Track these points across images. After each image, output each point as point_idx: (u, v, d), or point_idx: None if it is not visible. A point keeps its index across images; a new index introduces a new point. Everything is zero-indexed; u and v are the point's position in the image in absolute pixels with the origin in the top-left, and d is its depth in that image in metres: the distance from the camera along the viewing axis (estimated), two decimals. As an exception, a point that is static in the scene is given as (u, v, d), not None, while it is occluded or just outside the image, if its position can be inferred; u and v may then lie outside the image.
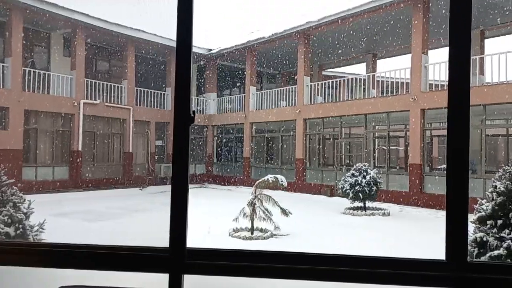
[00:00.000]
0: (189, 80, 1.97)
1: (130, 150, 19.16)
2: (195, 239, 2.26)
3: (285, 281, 1.92)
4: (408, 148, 15.27)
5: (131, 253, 1.94)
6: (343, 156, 18.25)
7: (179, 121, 1.96)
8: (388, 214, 12.24)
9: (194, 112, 2.00)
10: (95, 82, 18.37)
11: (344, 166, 17.13)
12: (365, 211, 12.32)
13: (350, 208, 12.56)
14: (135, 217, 11.35)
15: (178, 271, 1.88)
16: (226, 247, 2.00)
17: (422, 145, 14.31)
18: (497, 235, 4.56)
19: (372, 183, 12.20)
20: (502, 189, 4.69)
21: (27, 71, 16.12)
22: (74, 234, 8.21)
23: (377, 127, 17.87)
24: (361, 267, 1.87)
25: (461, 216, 1.81)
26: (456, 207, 1.82)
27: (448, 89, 1.86)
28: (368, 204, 12.66)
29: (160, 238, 2.12)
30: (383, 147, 17.42)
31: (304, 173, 18.09)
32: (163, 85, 21.53)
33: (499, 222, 4.62)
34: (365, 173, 12.36)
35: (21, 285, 2.12)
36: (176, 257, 1.89)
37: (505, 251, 4.39)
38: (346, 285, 1.87)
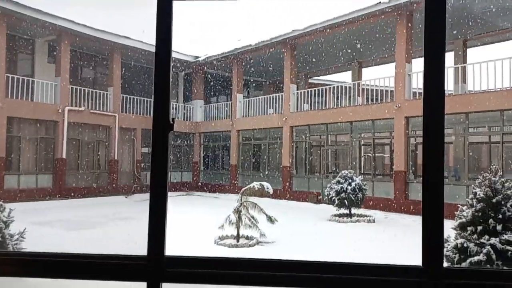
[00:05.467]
0: (168, 86, 1.98)
1: (116, 158, 18.96)
2: (179, 248, 2.25)
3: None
4: (393, 155, 15.44)
5: (108, 261, 1.92)
6: (329, 163, 18.34)
7: (158, 128, 1.96)
8: (373, 221, 12.32)
9: (173, 119, 1.99)
10: (80, 89, 18.19)
11: (331, 174, 17.21)
12: (351, 218, 12.38)
13: (336, 215, 12.61)
14: (120, 225, 11.21)
15: (157, 279, 1.86)
16: (211, 255, 1.98)
17: (407, 152, 14.48)
18: (477, 241, 4.63)
19: (357, 190, 12.29)
20: (482, 195, 4.77)
21: (10, 78, 15.89)
22: (55, 243, 8.06)
23: (362, 134, 18.05)
24: (340, 274, 1.89)
25: (437, 223, 1.84)
26: (431, 214, 1.85)
27: (423, 98, 1.90)
28: (354, 211, 12.73)
29: (144, 246, 2.10)
30: (369, 154, 17.60)
31: (291, 181, 18.12)
32: (149, 92, 21.42)
33: (479, 228, 4.69)
34: (350, 180, 12.44)
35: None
36: (154, 265, 1.87)
37: (484, 257, 4.45)
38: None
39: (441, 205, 1.85)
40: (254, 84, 26.17)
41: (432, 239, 1.83)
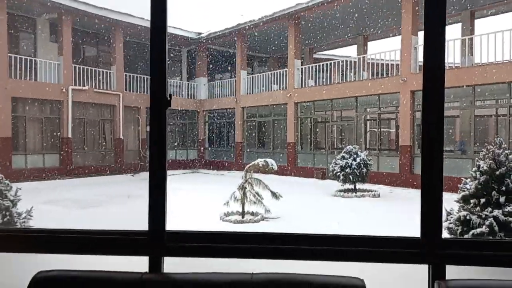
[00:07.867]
0: (164, 62, 1.95)
1: (121, 137, 19.05)
2: (186, 224, 2.27)
3: (268, 261, 1.95)
4: (399, 130, 15.36)
5: (111, 237, 1.95)
6: (334, 139, 18.30)
7: (155, 105, 1.95)
8: (378, 196, 12.38)
9: (170, 95, 1.97)
10: (83, 68, 18.12)
11: (336, 149, 17.20)
12: (356, 193, 12.44)
13: (341, 190, 12.67)
14: (127, 203, 11.36)
15: (158, 253, 1.90)
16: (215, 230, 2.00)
17: (412, 126, 14.40)
18: (480, 213, 4.65)
19: (362, 165, 12.30)
20: (485, 168, 4.76)
21: (13, 58, 15.84)
22: (63, 221, 8.20)
23: (368, 109, 17.91)
24: (339, 246, 1.91)
25: (436, 195, 1.84)
26: (431, 186, 1.85)
27: (423, 70, 1.87)
28: (359, 186, 12.77)
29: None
30: (374, 129, 17.51)
31: (296, 157, 18.15)
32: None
33: (482, 200, 4.71)
34: (355, 156, 12.44)
35: (1, 271, 2.13)
36: (156, 240, 1.90)
37: (487, 229, 4.48)
38: (326, 263, 1.90)
39: (440, 178, 1.84)
40: (258, 60, 25.88)
41: (430, 211, 1.84)
